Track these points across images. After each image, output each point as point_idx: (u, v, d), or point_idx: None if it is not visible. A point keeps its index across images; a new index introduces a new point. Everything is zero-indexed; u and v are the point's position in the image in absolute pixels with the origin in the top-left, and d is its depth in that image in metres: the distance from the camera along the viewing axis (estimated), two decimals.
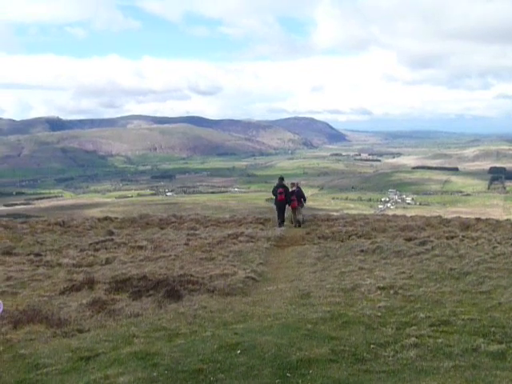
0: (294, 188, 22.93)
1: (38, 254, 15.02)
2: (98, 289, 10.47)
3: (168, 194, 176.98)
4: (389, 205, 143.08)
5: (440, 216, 25.59)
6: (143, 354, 6.01)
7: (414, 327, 7.16)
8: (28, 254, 14.97)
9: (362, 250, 15.05)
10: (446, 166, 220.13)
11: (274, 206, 22.82)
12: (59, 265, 13.36)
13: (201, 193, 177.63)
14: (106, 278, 11.31)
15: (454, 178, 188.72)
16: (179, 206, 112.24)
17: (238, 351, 5.92)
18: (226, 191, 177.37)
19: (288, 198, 22.17)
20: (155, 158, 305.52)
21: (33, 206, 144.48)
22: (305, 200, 23.20)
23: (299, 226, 21.76)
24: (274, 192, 22.61)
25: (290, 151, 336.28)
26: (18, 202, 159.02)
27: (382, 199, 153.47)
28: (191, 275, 11.36)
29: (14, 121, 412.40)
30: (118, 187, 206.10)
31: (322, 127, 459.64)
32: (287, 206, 22.40)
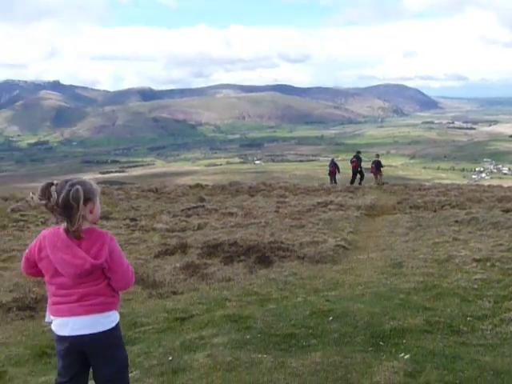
0: (376, 158, 29.11)
1: (133, 219, 15.60)
2: (190, 253, 10.74)
3: (256, 162, 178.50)
4: (483, 175, 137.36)
5: None
6: (236, 317, 6.12)
7: None
8: (124, 219, 15.57)
9: (457, 221, 14.55)
10: None
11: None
12: (153, 229, 13.82)
13: (289, 161, 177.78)
14: (198, 242, 11.57)
15: None
16: (267, 175, 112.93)
17: (330, 318, 5.90)
18: (315, 160, 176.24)
19: (359, 166, 28.21)
20: (244, 126, 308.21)
21: (126, 174, 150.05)
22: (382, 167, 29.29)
23: (380, 184, 26.77)
24: (351, 160, 28.79)
25: (379, 119, 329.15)
26: (112, 170, 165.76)
27: (477, 169, 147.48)
28: (281, 242, 11.42)
29: (108, 92, 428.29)
30: (207, 155, 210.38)
31: (414, 94, 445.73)
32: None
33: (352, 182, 28.46)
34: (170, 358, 4.90)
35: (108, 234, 3.23)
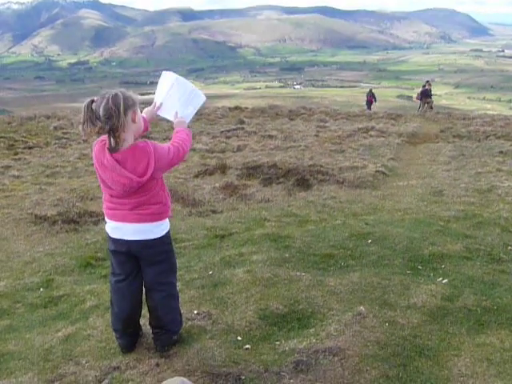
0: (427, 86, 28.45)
1: None
2: (229, 174, 10.80)
3: (296, 86, 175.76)
4: None
5: None
6: (275, 236, 6.18)
7: None
8: (164, 139, 15.65)
9: (501, 152, 14.16)
10: None
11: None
12: (193, 150, 13.85)
13: (329, 86, 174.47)
14: (237, 164, 11.61)
15: None
16: (307, 100, 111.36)
17: (369, 240, 5.91)
18: (356, 86, 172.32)
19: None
20: (284, 49, 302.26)
21: None
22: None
23: (424, 111, 26.41)
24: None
25: (425, 45, 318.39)
26: (151, 91, 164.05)
27: None
28: (321, 166, 11.37)
29: (147, 11, 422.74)
30: (246, 79, 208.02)
31: (464, 20, 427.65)
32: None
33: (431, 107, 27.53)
34: (210, 273, 5.01)
35: (149, 145, 3.11)
